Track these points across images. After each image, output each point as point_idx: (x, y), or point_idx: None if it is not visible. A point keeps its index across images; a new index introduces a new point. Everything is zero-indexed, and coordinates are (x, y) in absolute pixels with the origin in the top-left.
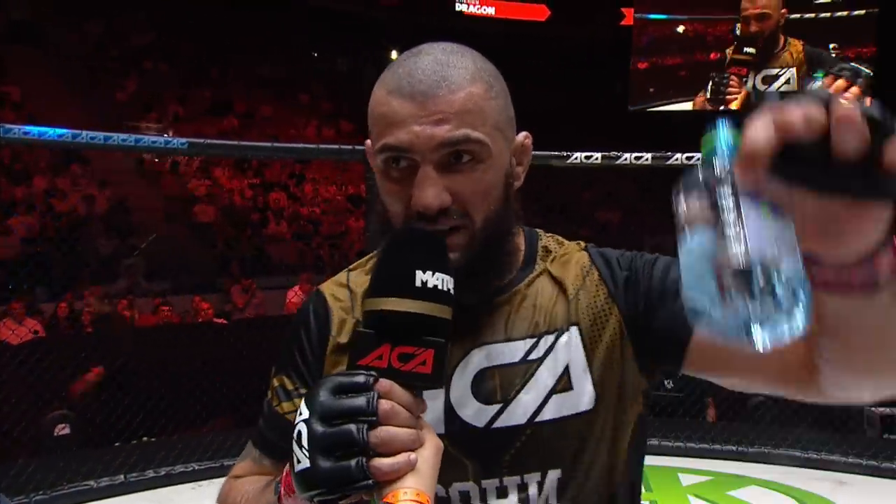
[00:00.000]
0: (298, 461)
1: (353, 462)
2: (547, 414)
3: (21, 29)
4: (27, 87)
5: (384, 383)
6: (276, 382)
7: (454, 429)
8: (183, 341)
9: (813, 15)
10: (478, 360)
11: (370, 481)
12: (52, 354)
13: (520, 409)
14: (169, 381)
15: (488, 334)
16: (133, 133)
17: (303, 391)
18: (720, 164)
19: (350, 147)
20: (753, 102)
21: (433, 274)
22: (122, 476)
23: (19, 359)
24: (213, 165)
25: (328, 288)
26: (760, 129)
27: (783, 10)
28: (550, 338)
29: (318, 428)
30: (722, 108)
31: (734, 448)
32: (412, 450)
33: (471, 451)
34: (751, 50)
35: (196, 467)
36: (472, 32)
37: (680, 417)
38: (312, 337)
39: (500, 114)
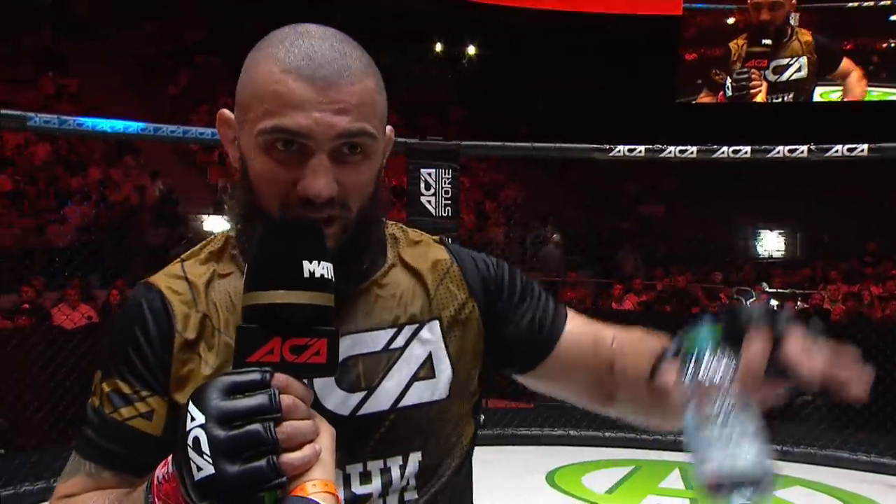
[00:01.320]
0: (199, 468)
1: (263, 462)
2: (409, 400)
3: (80, 25)
4: (85, 81)
5: (280, 378)
6: (106, 387)
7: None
8: None
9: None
10: (341, 348)
11: (283, 478)
12: (104, 339)
13: (383, 396)
14: None
15: (350, 323)
16: (181, 124)
17: (144, 394)
18: (707, 366)
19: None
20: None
21: (319, 263)
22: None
23: (73, 343)
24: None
25: (162, 281)
26: (755, 353)
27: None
28: (411, 328)
29: (220, 432)
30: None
31: (778, 447)
32: (313, 441)
33: (337, 440)
34: (768, 41)
35: None
36: (513, 24)
37: None
38: (151, 335)
39: (384, 109)
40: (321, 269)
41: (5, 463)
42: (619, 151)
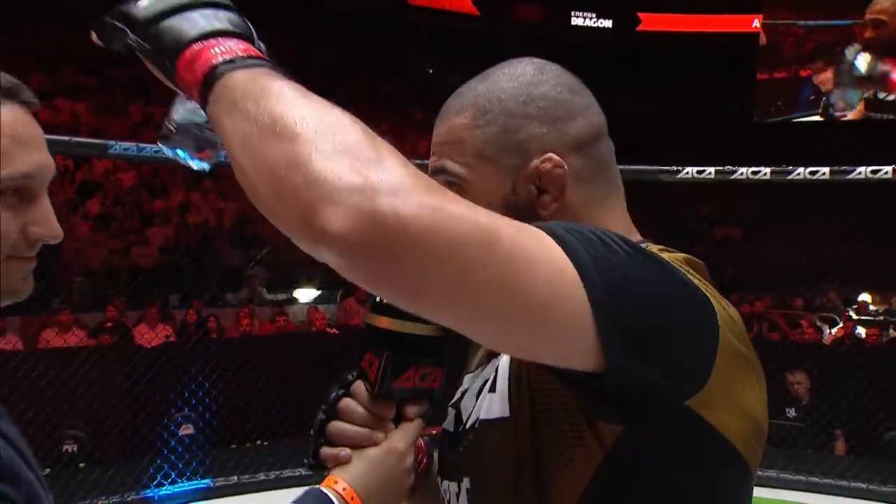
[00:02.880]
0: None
1: (313, 442)
2: (478, 418)
3: None
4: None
5: (357, 386)
6: None
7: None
8: (298, 350)
9: None
10: (468, 382)
11: (313, 461)
12: (179, 358)
13: (469, 416)
14: (283, 388)
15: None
16: None
17: None
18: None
19: None
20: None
21: None
22: (235, 477)
23: (149, 361)
24: None
25: None
26: None
27: None
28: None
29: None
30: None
31: (864, 486)
32: (360, 446)
33: (449, 456)
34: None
35: (303, 472)
36: (584, 45)
37: (803, 449)
38: None
39: (485, 142)
40: None
41: (83, 476)
42: (687, 173)
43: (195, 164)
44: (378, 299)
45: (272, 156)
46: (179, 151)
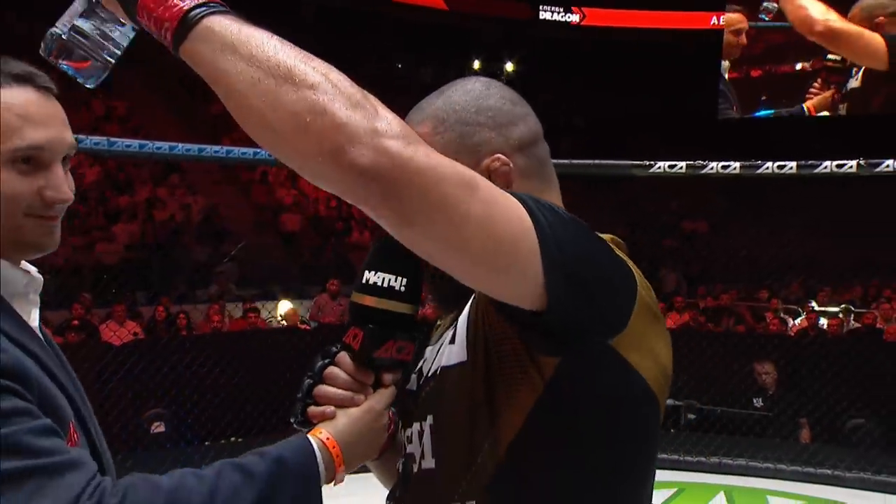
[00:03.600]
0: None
1: (300, 403)
2: (438, 366)
3: (127, 51)
4: (132, 103)
5: (342, 356)
6: None
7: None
8: (269, 346)
9: None
10: (430, 350)
11: (301, 418)
12: (150, 355)
13: (429, 368)
14: (257, 384)
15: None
16: (220, 145)
17: None
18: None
19: None
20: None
21: (386, 275)
22: None
23: (120, 359)
24: (300, 176)
25: None
26: None
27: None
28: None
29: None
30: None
31: (829, 472)
32: (343, 406)
33: (409, 406)
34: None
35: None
36: (554, 40)
37: (770, 438)
38: None
39: (444, 147)
40: (390, 280)
41: None
42: (658, 168)
43: (79, 77)
44: (363, 281)
45: (293, 101)
46: (64, 65)
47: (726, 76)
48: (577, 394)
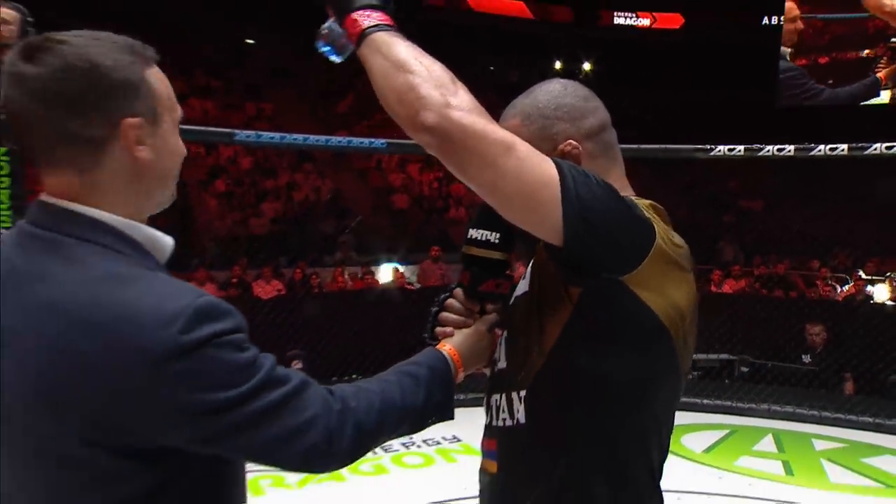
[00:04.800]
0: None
1: (429, 325)
2: (516, 293)
3: (275, 65)
4: (276, 105)
5: (456, 292)
6: None
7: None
8: (381, 301)
9: None
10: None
11: (430, 335)
12: (290, 308)
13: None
14: (371, 332)
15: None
16: (344, 136)
17: None
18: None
19: None
20: None
21: (484, 231)
22: None
23: (266, 310)
24: (408, 162)
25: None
26: None
27: None
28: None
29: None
30: None
31: (870, 419)
32: (458, 327)
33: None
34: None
35: None
36: (626, 42)
37: (816, 389)
38: None
39: (530, 136)
40: (486, 234)
41: None
42: (719, 151)
43: (334, 57)
44: (469, 236)
45: (399, 82)
46: (325, 48)
47: (793, 62)
48: (597, 316)
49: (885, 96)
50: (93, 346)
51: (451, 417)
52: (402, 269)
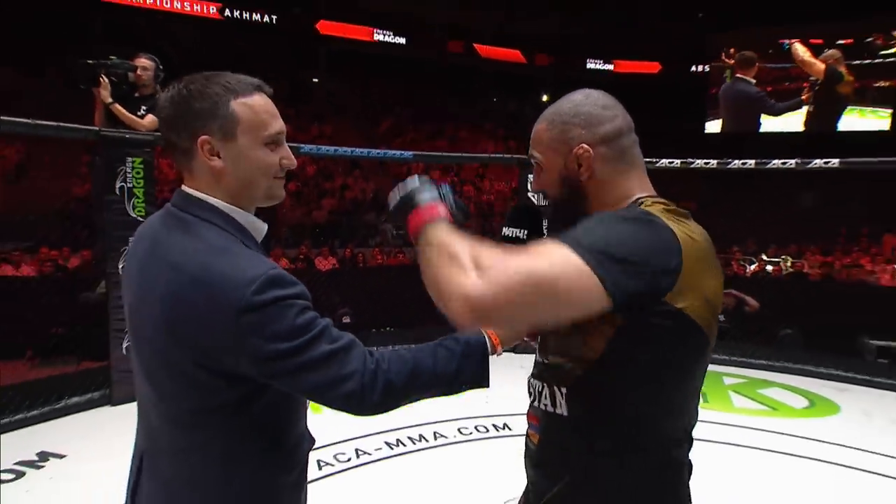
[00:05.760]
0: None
1: None
2: None
3: (333, 100)
4: (333, 127)
5: None
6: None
7: None
8: (410, 274)
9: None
10: None
11: None
12: (341, 277)
13: None
14: (401, 297)
15: None
16: (383, 149)
17: None
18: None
19: (508, 156)
20: None
21: (512, 229)
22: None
23: (324, 279)
24: (432, 168)
25: None
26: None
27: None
28: None
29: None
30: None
31: (765, 362)
32: None
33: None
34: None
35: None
36: (597, 82)
37: (728, 340)
38: None
39: (550, 140)
40: (514, 231)
41: None
42: (661, 163)
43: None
44: (502, 233)
45: (434, 273)
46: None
47: (758, 88)
48: (639, 335)
49: (798, 124)
50: (199, 297)
51: (487, 386)
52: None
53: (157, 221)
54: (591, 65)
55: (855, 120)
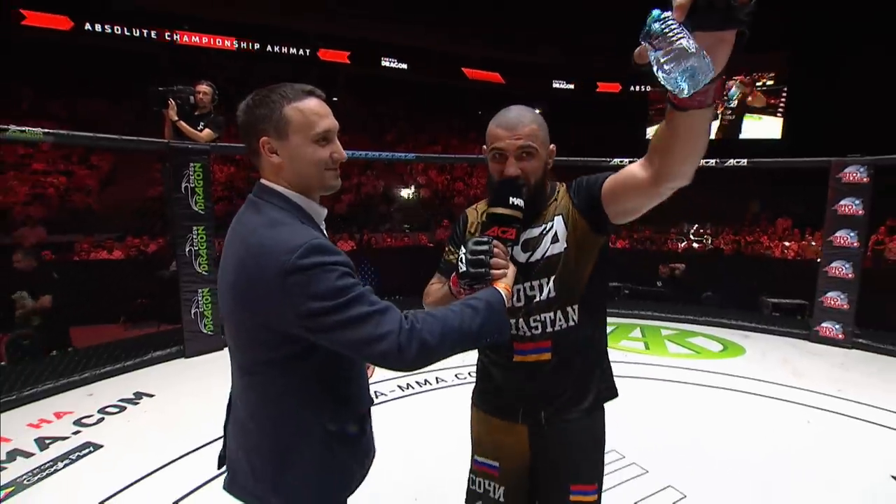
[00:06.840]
0: (461, 268)
1: (484, 268)
2: (549, 252)
3: (347, 116)
4: (350, 136)
5: (496, 242)
6: (445, 249)
7: (515, 263)
8: (413, 254)
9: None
10: (524, 236)
11: (490, 276)
12: (359, 258)
13: (539, 252)
14: (425, 270)
15: (528, 225)
16: (390, 152)
17: (454, 249)
18: (664, 16)
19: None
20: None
21: (516, 198)
22: None
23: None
24: (430, 168)
25: (470, 211)
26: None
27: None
28: (551, 222)
29: (470, 255)
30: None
31: (692, 317)
32: (505, 269)
33: (520, 271)
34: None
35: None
36: (560, 99)
37: (664, 302)
38: (459, 229)
39: (542, 137)
40: (517, 201)
41: None
42: (615, 161)
43: (683, 84)
44: (510, 203)
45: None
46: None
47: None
48: (608, 252)
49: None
50: (258, 263)
51: (507, 338)
52: (425, 234)
53: (242, 207)
54: (556, 84)
55: (752, 124)
